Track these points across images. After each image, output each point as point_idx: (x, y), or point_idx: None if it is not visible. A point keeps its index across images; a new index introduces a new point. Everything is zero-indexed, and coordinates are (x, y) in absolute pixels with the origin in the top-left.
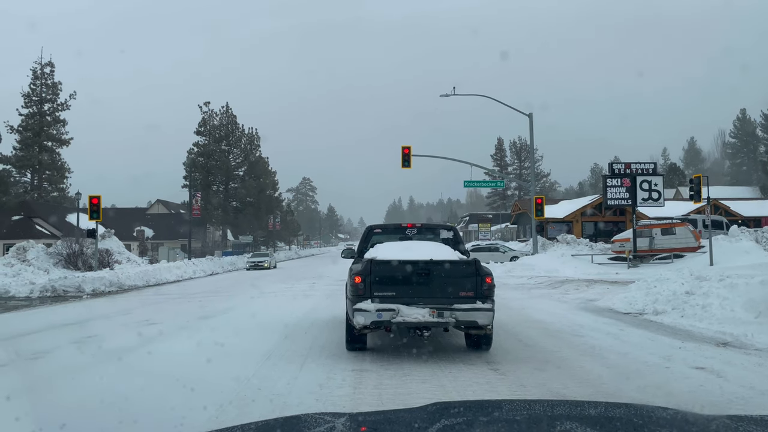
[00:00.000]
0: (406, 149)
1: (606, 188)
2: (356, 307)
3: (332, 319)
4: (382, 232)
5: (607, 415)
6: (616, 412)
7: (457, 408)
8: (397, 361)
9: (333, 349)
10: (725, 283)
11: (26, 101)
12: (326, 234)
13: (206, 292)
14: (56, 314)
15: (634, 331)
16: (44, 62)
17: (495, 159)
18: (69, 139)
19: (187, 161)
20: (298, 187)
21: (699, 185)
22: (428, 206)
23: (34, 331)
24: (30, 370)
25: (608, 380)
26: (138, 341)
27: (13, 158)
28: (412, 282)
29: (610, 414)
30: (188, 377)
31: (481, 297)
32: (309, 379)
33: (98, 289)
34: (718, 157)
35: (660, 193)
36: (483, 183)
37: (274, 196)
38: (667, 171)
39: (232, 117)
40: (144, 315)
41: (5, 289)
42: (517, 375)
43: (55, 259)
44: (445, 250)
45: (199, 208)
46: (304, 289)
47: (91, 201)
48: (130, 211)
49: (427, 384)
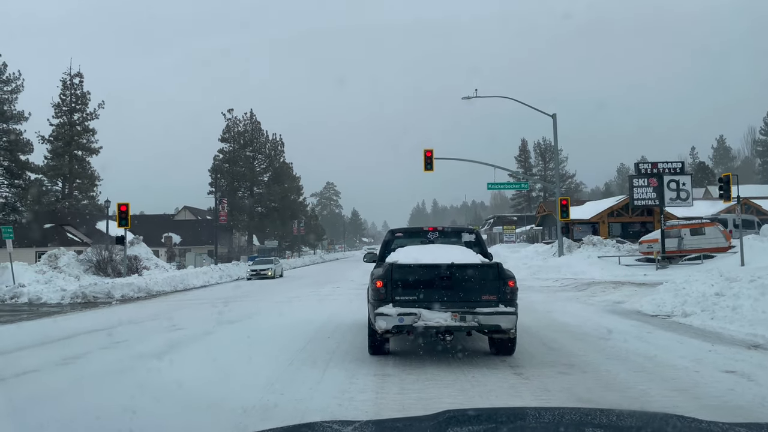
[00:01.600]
0: (429, 152)
1: (632, 188)
2: (378, 312)
3: (354, 324)
4: (403, 236)
5: (621, 425)
6: (628, 421)
7: (468, 417)
8: (419, 366)
9: (356, 353)
10: (756, 284)
11: (56, 111)
12: (350, 238)
13: (232, 297)
14: (86, 320)
15: (663, 333)
16: (73, 72)
17: (519, 160)
18: (98, 148)
19: (213, 168)
20: (322, 192)
21: (729, 184)
22: (452, 209)
23: (64, 337)
24: (59, 376)
25: (634, 385)
26: (164, 346)
27: (44, 167)
28: (434, 286)
29: (625, 423)
30: (213, 382)
31: (504, 300)
32: (331, 384)
33: (127, 295)
34: (748, 155)
35: (688, 192)
36: (507, 185)
37: (298, 200)
38: (696, 170)
39: (256, 123)
40: (171, 320)
41: (37, 296)
42: (541, 379)
43: (85, 266)
44: (467, 253)
45: (225, 214)
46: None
47: (119, 208)
48: (158, 218)
49: (449, 389)
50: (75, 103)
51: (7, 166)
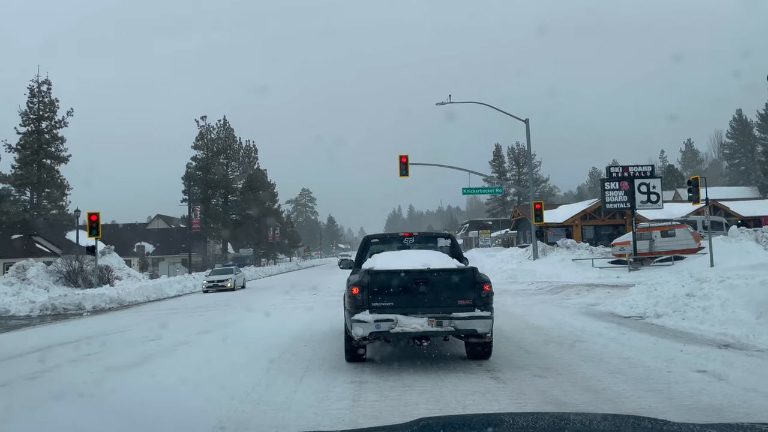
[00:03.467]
0: (404, 158)
1: (604, 192)
2: (354, 318)
3: (331, 331)
4: (379, 242)
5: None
6: (602, 425)
7: (442, 425)
8: (397, 372)
9: (333, 361)
10: (725, 285)
11: (24, 119)
12: (327, 245)
13: (206, 306)
14: (54, 333)
15: (636, 335)
16: (41, 80)
17: (493, 165)
18: (67, 156)
19: (186, 175)
20: (297, 199)
21: (697, 186)
22: (428, 214)
23: (31, 350)
24: (25, 391)
25: (610, 386)
26: (136, 358)
27: (12, 177)
28: (410, 291)
29: (598, 427)
30: (187, 393)
31: (480, 305)
32: (308, 393)
33: (99, 306)
34: (715, 158)
35: (659, 195)
36: (482, 190)
37: (273, 208)
38: (665, 173)
39: (230, 130)
40: (143, 331)
41: (5, 309)
42: (517, 383)
43: (55, 277)
44: (443, 258)
45: (198, 222)
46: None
47: (89, 218)
48: (130, 227)
49: (426, 395)
50: (43, 111)
51: None
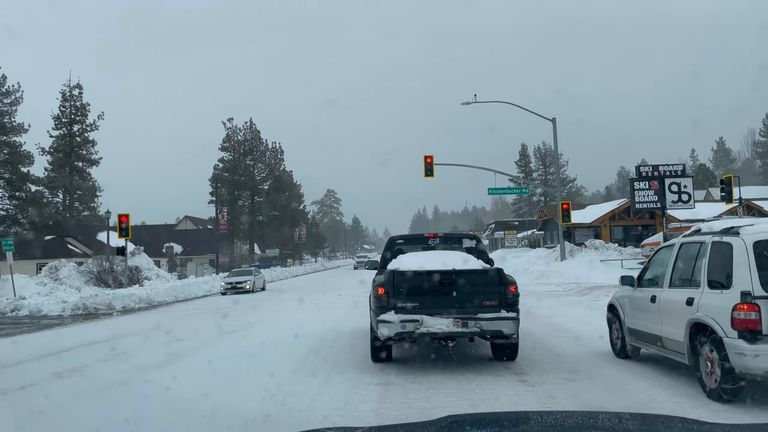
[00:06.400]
0: (429, 158)
1: (634, 191)
2: (380, 319)
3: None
4: (404, 243)
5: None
6: (630, 424)
7: (470, 422)
8: (423, 374)
9: (358, 362)
10: None
11: (56, 123)
12: (351, 245)
13: (233, 306)
14: (87, 332)
15: None
16: (72, 84)
17: (519, 165)
18: (98, 159)
19: (213, 177)
20: (322, 200)
21: (731, 186)
22: (453, 215)
23: (65, 349)
24: (60, 388)
25: (642, 390)
26: (164, 358)
27: (45, 179)
28: (436, 292)
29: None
30: (212, 394)
31: (506, 306)
32: (334, 394)
33: (128, 306)
34: (748, 156)
35: (690, 194)
36: (507, 190)
37: (299, 209)
38: (696, 172)
39: (256, 132)
40: (171, 331)
41: (38, 308)
42: (546, 386)
43: (86, 277)
44: (469, 259)
45: (225, 223)
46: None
47: (119, 219)
48: (159, 228)
49: (453, 398)
50: (75, 115)
51: (8, 179)
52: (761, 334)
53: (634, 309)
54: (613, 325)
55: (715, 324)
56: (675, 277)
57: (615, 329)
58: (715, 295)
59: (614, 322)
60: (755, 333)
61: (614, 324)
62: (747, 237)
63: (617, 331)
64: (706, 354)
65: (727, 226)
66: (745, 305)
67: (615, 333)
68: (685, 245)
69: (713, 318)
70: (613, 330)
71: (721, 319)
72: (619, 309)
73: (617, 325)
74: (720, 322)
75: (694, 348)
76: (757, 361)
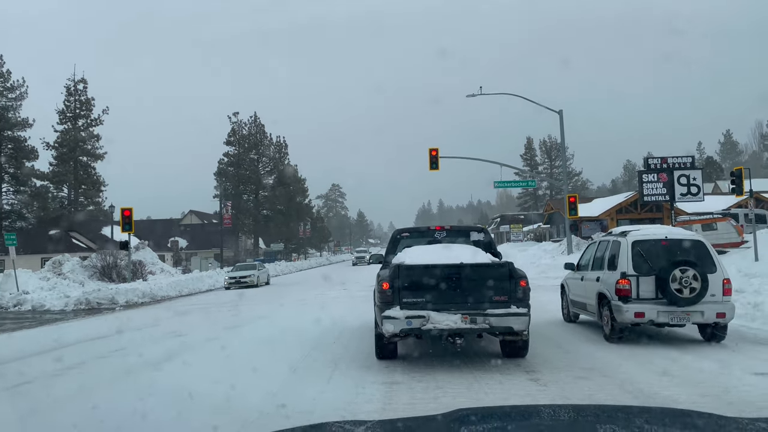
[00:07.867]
0: (434, 151)
1: (642, 184)
2: (385, 315)
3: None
4: (410, 236)
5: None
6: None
7: (481, 415)
8: (429, 372)
9: (362, 359)
10: None
11: (61, 117)
12: (357, 239)
13: (236, 301)
14: (88, 327)
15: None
16: (77, 79)
17: (525, 158)
18: (103, 154)
19: (218, 171)
20: (327, 194)
21: (741, 178)
22: (458, 209)
23: (66, 344)
24: (63, 383)
25: (659, 390)
26: (163, 355)
27: (50, 174)
28: (443, 287)
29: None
30: (211, 393)
31: (516, 301)
32: (336, 394)
33: (131, 301)
34: (755, 149)
35: (699, 187)
36: (513, 183)
37: (303, 203)
38: (704, 165)
39: (261, 126)
40: (172, 327)
41: (41, 303)
42: (559, 385)
43: (89, 272)
44: (477, 252)
45: (230, 218)
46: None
47: (123, 213)
48: (164, 223)
49: (462, 398)
50: (79, 109)
51: (13, 173)
52: (631, 298)
53: (573, 286)
54: (563, 299)
55: (608, 292)
56: (594, 263)
57: (565, 302)
58: (610, 274)
59: (563, 297)
60: (628, 297)
61: (564, 298)
62: (629, 237)
63: (565, 303)
64: (604, 313)
65: (624, 230)
66: (623, 280)
67: (564, 304)
68: (602, 242)
69: (607, 289)
70: (564, 302)
71: (611, 290)
72: (566, 287)
73: (565, 299)
74: (610, 291)
75: (600, 310)
76: (628, 314)
